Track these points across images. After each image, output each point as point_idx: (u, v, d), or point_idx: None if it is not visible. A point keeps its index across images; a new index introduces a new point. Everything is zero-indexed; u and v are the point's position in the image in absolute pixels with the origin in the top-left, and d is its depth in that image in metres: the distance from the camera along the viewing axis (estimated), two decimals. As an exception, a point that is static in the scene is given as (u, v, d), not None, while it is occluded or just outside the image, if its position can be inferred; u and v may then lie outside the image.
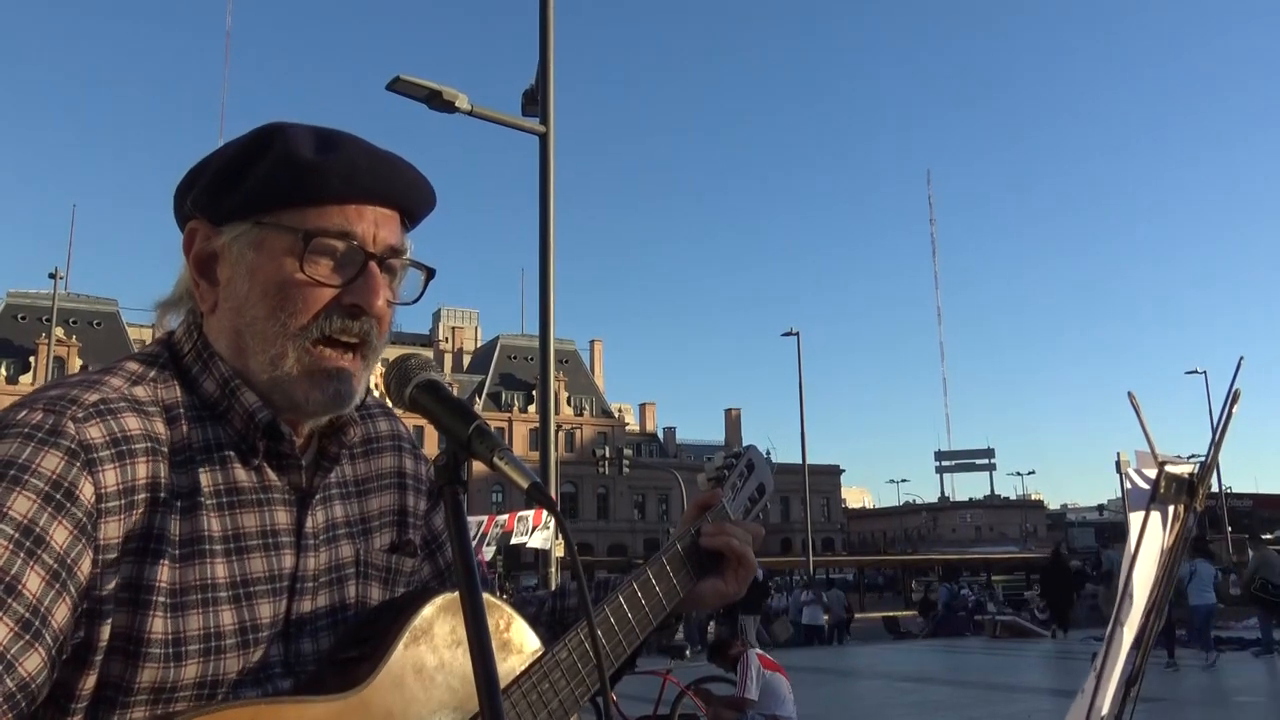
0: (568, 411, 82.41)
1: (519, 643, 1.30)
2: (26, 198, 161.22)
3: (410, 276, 1.29)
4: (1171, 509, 1.05)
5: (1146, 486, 0.98)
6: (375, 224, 1.20)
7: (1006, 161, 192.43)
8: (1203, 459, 1.09)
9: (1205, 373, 44.77)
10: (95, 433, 1.08)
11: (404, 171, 1.24)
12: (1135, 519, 0.98)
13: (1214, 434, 1.05)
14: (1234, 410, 1.04)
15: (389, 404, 1.32)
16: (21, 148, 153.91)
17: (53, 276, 38.12)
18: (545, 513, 13.78)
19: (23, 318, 71.57)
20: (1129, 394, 1.04)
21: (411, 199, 1.26)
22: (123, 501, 1.08)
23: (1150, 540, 0.98)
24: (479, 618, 0.94)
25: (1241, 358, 1.15)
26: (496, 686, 0.91)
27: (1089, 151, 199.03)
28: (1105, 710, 1.00)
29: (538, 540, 15.50)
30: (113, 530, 1.07)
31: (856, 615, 32.31)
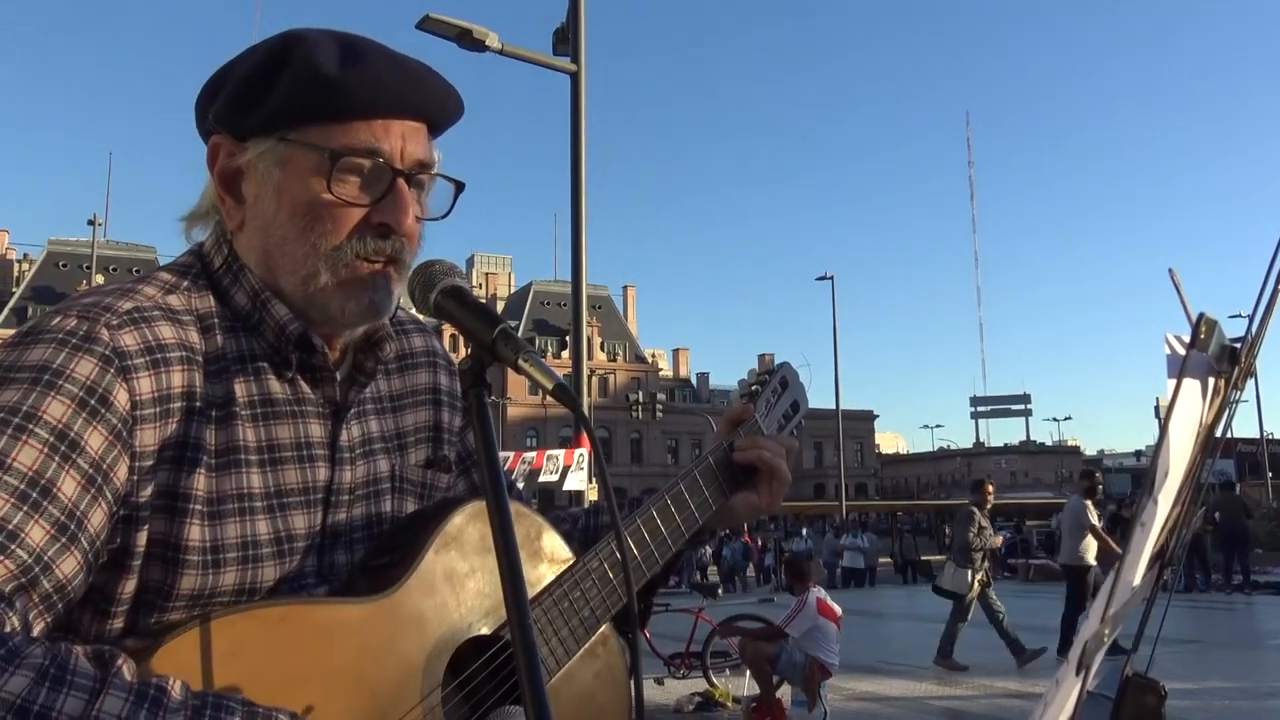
0: (601, 357, 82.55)
1: (550, 551, 1.30)
2: (67, 145, 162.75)
3: (439, 189, 1.26)
4: (1211, 380, 1.01)
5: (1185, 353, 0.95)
6: (403, 138, 1.17)
7: (1047, 104, 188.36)
8: (1245, 336, 1.04)
9: (1250, 316, 43.87)
10: (129, 340, 1.07)
11: (431, 82, 1.21)
12: (1170, 385, 0.94)
13: (1258, 306, 1.00)
14: (1282, 285, 0.99)
15: (422, 318, 1.30)
16: (60, 97, 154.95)
17: (91, 223, 38.56)
18: (576, 453, 13.82)
19: (64, 265, 72.61)
20: (1169, 270, 0.99)
21: (439, 111, 1.22)
22: (158, 409, 1.08)
23: (1187, 408, 0.95)
24: (504, 515, 0.93)
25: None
26: (522, 582, 0.91)
27: (1131, 94, 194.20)
28: (1137, 582, 0.97)
29: (573, 482, 15.59)
30: (148, 438, 1.07)
31: (881, 561, 31.96)
